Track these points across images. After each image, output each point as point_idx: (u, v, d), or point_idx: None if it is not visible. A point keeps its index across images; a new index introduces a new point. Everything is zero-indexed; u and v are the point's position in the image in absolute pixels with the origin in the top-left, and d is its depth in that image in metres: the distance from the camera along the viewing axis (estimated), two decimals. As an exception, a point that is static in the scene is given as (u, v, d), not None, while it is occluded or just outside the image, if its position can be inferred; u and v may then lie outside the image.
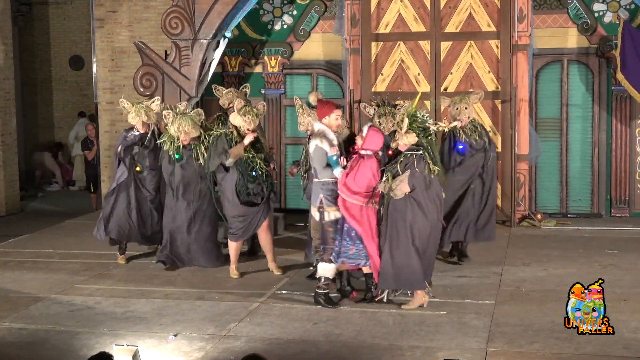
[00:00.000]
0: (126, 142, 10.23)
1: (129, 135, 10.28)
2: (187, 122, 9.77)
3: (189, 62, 12.43)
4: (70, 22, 18.43)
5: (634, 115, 12.75)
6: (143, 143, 10.22)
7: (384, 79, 12.81)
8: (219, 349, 7.24)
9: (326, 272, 8.46)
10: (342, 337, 7.49)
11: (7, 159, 14.55)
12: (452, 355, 6.82)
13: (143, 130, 10.27)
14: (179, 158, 9.83)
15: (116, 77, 15.02)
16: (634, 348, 7.00)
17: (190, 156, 9.86)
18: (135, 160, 10.26)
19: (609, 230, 11.84)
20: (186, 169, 9.85)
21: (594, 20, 12.75)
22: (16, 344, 7.43)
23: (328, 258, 8.42)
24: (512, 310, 8.19)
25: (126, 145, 10.22)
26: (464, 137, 9.89)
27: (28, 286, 9.44)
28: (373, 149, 8.32)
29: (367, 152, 8.29)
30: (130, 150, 10.23)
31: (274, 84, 13.72)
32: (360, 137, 8.41)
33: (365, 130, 8.39)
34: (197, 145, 9.87)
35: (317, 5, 13.48)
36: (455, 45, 12.61)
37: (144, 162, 10.26)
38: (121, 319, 8.13)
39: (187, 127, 9.74)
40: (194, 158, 9.84)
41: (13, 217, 14.40)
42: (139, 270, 10.03)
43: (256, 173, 9.49)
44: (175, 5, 12.42)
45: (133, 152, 10.24)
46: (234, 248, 9.70)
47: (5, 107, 14.54)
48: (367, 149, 8.29)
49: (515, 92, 12.31)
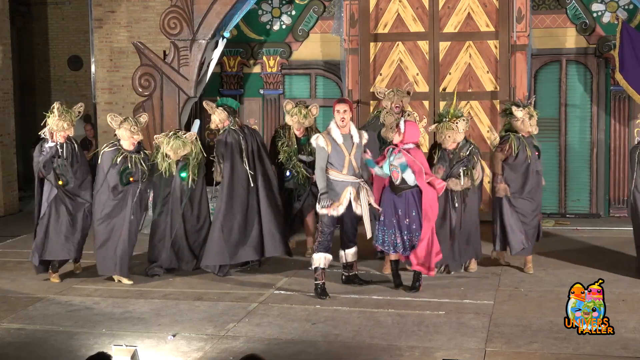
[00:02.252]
0: (44, 156, 9.44)
1: (45, 148, 9.50)
2: (178, 145, 9.64)
3: (188, 62, 12.43)
4: (68, 22, 18.41)
5: (632, 115, 12.77)
6: (59, 154, 9.48)
7: (382, 79, 12.81)
8: (218, 349, 7.23)
9: (320, 263, 8.73)
10: (340, 337, 7.49)
11: (5, 160, 14.54)
12: (451, 356, 6.82)
13: (62, 139, 9.53)
14: (185, 177, 9.74)
15: (115, 78, 15.01)
16: (633, 348, 7.00)
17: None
18: (58, 174, 9.46)
19: (608, 230, 11.85)
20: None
21: (593, 20, 12.76)
22: (14, 345, 7.43)
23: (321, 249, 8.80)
24: (510, 310, 8.19)
25: (45, 160, 9.42)
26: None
27: (26, 287, 9.43)
28: (414, 141, 8.83)
29: (409, 146, 8.79)
30: (51, 164, 9.45)
31: (272, 84, 13.72)
32: (398, 133, 8.82)
33: (402, 125, 8.81)
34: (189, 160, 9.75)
35: (316, 5, 13.48)
36: (453, 45, 12.62)
37: (68, 174, 9.52)
38: (120, 319, 8.13)
39: (178, 149, 9.63)
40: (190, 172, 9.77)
41: (11, 218, 14.39)
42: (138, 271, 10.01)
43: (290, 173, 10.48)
44: (174, 6, 12.42)
45: (54, 166, 9.45)
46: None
47: (4, 107, 14.53)
48: (408, 142, 8.80)
49: (514, 92, 12.32)
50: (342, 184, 8.76)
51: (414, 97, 12.72)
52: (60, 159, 9.48)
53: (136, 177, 9.42)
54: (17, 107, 16.15)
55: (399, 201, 8.81)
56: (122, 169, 9.36)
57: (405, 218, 8.81)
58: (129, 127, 9.45)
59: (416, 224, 8.77)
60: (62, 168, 9.50)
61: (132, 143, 9.49)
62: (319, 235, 8.88)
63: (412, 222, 8.78)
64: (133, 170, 9.41)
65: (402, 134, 8.77)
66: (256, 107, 13.80)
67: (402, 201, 8.80)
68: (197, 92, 12.65)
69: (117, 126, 9.53)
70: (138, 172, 9.45)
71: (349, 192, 8.76)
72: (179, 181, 9.74)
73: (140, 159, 9.50)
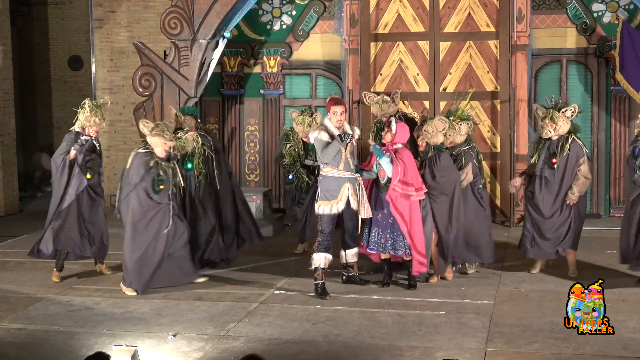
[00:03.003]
0: (81, 148, 9.44)
1: (81, 140, 9.49)
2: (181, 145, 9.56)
3: (188, 62, 12.43)
4: (69, 22, 18.40)
5: (632, 115, 12.75)
6: (94, 149, 9.58)
7: (383, 79, 12.82)
8: (218, 349, 7.24)
9: (320, 263, 8.79)
10: (340, 337, 7.49)
11: (6, 160, 14.54)
12: (451, 356, 6.82)
13: (95, 133, 9.62)
14: (191, 167, 9.75)
15: (115, 78, 15.02)
16: (633, 348, 7.00)
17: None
18: (88, 167, 9.48)
19: (608, 230, 11.84)
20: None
21: (593, 20, 12.76)
22: (15, 345, 7.43)
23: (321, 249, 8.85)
24: (511, 310, 8.19)
25: (82, 151, 9.43)
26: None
27: (27, 287, 9.43)
28: (403, 142, 8.92)
29: (398, 146, 8.86)
30: (88, 157, 9.49)
31: (273, 84, 13.72)
32: (389, 133, 8.91)
33: (393, 125, 8.89)
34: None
35: (316, 5, 13.48)
36: (454, 45, 12.62)
37: (97, 169, 9.63)
38: (120, 319, 8.13)
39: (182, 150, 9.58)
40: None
41: (12, 218, 14.39)
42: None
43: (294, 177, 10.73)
44: (174, 6, 12.42)
45: (87, 159, 9.49)
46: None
47: (4, 107, 14.53)
48: (397, 142, 8.88)
49: (514, 92, 12.32)
50: (338, 180, 8.81)
51: (414, 97, 12.76)
52: (94, 153, 9.59)
53: (167, 186, 9.05)
54: (18, 107, 16.16)
55: (384, 199, 8.89)
56: (154, 176, 8.98)
57: (390, 216, 8.88)
58: (161, 134, 9.03)
59: (399, 223, 8.87)
60: (94, 162, 9.57)
61: (165, 150, 9.13)
62: (319, 235, 8.92)
63: (396, 222, 8.87)
64: (164, 178, 9.04)
65: (393, 134, 8.88)
66: (256, 107, 13.80)
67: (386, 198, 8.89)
68: (197, 92, 12.66)
69: (148, 132, 9.11)
70: (168, 181, 9.08)
71: (346, 188, 8.80)
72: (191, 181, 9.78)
73: (170, 167, 9.13)
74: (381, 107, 11.20)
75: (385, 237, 8.93)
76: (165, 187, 9.04)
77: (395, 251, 8.95)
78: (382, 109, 11.19)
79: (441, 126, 9.16)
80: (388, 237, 8.92)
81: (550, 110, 9.26)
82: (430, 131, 9.12)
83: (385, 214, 8.91)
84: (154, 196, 8.97)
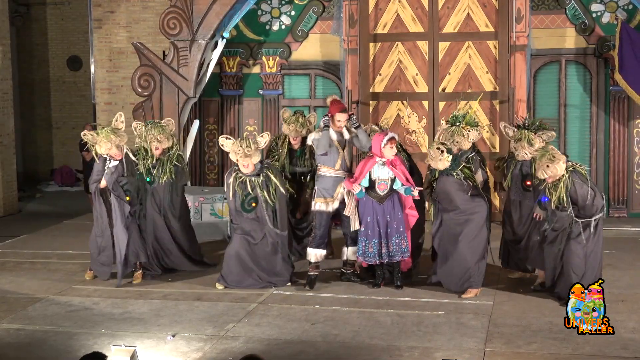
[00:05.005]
0: (112, 177, 9.21)
1: (110, 168, 9.28)
2: (159, 130, 9.65)
3: (187, 62, 12.44)
4: (68, 23, 18.42)
5: (631, 116, 12.77)
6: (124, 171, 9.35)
7: (382, 79, 12.82)
8: (217, 349, 7.23)
9: (311, 258, 9.07)
10: (339, 337, 7.49)
11: (5, 160, 14.54)
12: (450, 356, 6.82)
13: (118, 156, 9.30)
14: (150, 182, 9.69)
15: (114, 78, 15.02)
16: (632, 348, 7.00)
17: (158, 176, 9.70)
18: (125, 190, 9.29)
19: (607, 230, 11.78)
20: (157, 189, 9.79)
21: (592, 20, 12.76)
22: (14, 345, 7.42)
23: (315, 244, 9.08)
24: (510, 310, 8.19)
25: (112, 180, 9.21)
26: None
27: (26, 287, 9.42)
28: (377, 153, 8.80)
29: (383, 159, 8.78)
30: (117, 183, 9.25)
31: (272, 84, 13.72)
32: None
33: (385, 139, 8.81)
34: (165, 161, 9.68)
35: (315, 5, 13.48)
36: (453, 45, 12.62)
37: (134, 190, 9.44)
38: (119, 319, 8.12)
39: (159, 135, 9.59)
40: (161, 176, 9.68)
41: (11, 218, 14.38)
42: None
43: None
44: (173, 6, 12.42)
45: (121, 184, 9.27)
46: None
47: (3, 107, 14.53)
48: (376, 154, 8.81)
49: (513, 93, 12.32)
50: (335, 179, 9.01)
51: (413, 97, 12.76)
52: (125, 177, 9.33)
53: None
54: (17, 108, 16.16)
55: (383, 208, 8.82)
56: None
57: (393, 222, 8.82)
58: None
59: (403, 225, 8.87)
60: (129, 185, 9.35)
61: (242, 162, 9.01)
62: (313, 230, 9.18)
63: (400, 225, 8.84)
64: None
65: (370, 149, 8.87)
66: (255, 108, 13.79)
67: (387, 206, 8.81)
68: (196, 92, 12.66)
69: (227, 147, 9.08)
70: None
71: (342, 187, 9.00)
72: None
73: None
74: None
75: (382, 246, 8.85)
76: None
77: (391, 258, 8.86)
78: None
79: (435, 154, 8.58)
80: (384, 245, 8.85)
81: (525, 132, 8.92)
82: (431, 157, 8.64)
83: (381, 222, 8.82)
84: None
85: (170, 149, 9.82)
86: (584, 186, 8.12)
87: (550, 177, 8.13)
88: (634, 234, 11.62)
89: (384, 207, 8.83)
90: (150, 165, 9.72)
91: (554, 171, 8.06)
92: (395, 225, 8.84)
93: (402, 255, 8.88)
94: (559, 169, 8.07)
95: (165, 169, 9.73)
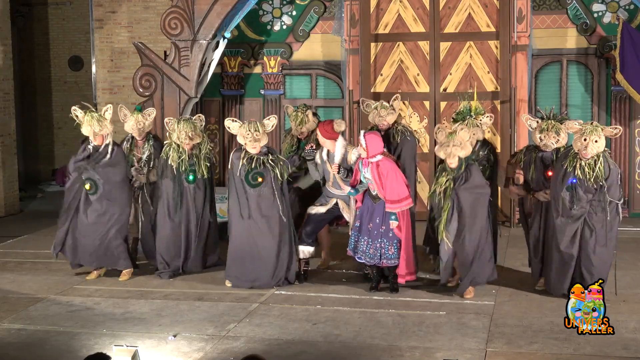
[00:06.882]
0: (77, 157, 9.48)
1: (88, 149, 9.50)
2: (191, 127, 9.63)
3: (189, 62, 12.44)
4: (69, 23, 18.42)
5: (633, 116, 12.77)
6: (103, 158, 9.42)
7: (383, 79, 12.82)
8: (218, 349, 7.24)
9: (299, 254, 9.31)
10: (341, 337, 7.49)
11: (7, 160, 14.54)
12: (451, 356, 6.83)
13: (97, 141, 9.45)
14: (192, 179, 9.66)
15: (115, 78, 15.03)
16: (633, 348, 7.00)
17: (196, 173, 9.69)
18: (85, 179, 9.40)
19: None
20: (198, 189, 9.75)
21: (593, 20, 12.76)
22: (15, 345, 7.43)
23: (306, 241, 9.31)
24: (511, 310, 8.19)
25: (76, 160, 9.45)
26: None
27: (27, 287, 9.43)
28: (379, 152, 8.67)
29: (377, 158, 8.63)
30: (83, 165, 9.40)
31: (273, 84, 13.73)
32: (361, 149, 8.73)
33: (362, 139, 8.69)
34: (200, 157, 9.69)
35: (317, 5, 13.48)
36: (454, 45, 12.62)
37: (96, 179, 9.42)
38: (120, 319, 8.13)
39: (190, 132, 9.55)
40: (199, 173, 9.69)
41: (12, 218, 14.39)
42: (138, 271, 10.01)
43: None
44: (175, 6, 12.43)
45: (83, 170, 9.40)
46: None
47: (4, 107, 14.53)
48: (375, 154, 8.62)
49: (515, 93, 12.32)
50: (330, 194, 9.40)
51: (414, 97, 12.76)
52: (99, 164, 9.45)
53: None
54: (18, 108, 16.17)
55: (376, 208, 8.77)
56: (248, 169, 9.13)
57: (382, 225, 8.73)
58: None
59: (393, 232, 8.70)
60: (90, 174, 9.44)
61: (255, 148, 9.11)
62: (302, 227, 9.36)
63: (389, 229, 8.69)
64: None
65: (365, 148, 8.64)
66: (257, 108, 13.81)
67: (380, 207, 8.75)
68: (197, 92, 12.66)
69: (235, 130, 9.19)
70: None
71: (335, 201, 9.34)
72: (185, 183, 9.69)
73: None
74: (379, 113, 9.85)
75: (375, 247, 8.74)
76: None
77: (381, 261, 8.76)
78: (379, 115, 9.82)
79: (466, 136, 8.58)
80: (377, 247, 8.73)
81: (552, 121, 8.83)
82: (459, 144, 8.47)
83: (377, 224, 8.74)
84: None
85: (201, 145, 9.80)
86: (615, 165, 8.43)
87: (592, 154, 8.25)
88: (635, 234, 11.63)
89: (377, 207, 8.76)
90: (186, 162, 9.62)
91: (601, 145, 8.26)
92: (384, 230, 8.70)
93: (387, 260, 8.72)
94: (603, 144, 8.30)
95: (200, 166, 9.71)
